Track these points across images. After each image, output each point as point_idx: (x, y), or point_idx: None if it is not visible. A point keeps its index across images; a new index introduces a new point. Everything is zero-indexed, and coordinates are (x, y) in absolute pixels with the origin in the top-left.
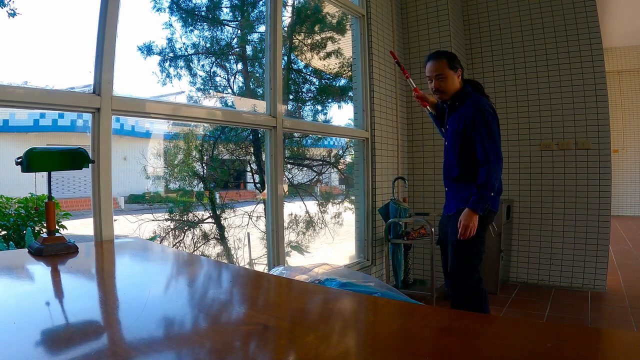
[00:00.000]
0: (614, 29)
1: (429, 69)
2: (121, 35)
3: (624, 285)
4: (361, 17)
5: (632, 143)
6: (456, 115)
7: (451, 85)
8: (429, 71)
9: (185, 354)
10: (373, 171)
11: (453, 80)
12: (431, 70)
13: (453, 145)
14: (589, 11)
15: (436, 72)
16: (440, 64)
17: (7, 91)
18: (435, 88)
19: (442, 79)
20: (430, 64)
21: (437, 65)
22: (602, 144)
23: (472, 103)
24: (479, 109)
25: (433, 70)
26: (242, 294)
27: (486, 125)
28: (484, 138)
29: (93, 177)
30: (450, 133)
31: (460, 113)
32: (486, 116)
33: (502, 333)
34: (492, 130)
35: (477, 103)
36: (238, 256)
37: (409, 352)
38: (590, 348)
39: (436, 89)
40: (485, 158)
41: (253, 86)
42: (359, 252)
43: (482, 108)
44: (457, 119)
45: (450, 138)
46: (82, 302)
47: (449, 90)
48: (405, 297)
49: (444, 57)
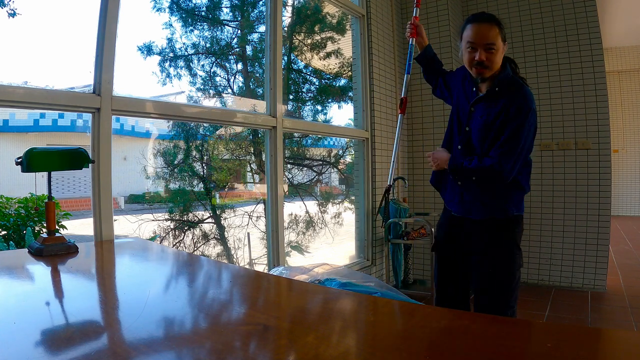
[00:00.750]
0: (614, 29)
1: (475, 34)
2: (121, 35)
3: (624, 285)
4: (361, 17)
5: (632, 143)
6: (493, 104)
7: (499, 61)
8: (475, 37)
9: (185, 354)
10: (373, 171)
11: (501, 56)
12: (479, 37)
13: (482, 138)
14: (589, 11)
15: (487, 40)
16: (492, 30)
17: (7, 91)
18: (479, 60)
19: (492, 50)
20: (478, 28)
21: (488, 31)
22: (602, 144)
23: (520, 96)
24: (527, 109)
25: (482, 36)
26: (242, 294)
27: (526, 131)
28: (513, 144)
29: (93, 177)
30: (481, 123)
31: (501, 104)
32: (530, 120)
33: (502, 333)
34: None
35: (527, 99)
36: (238, 256)
37: (409, 352)
38: (590, 348)
39: (480, 61)
40: (499, 162)
41: (253, 86)
42: (359, 252)
43: (530, 108)
44: (493, 109)
45: (479, 129)
46: (82, 302)
47: (495, 67)
48: (405, 297)
49: (496, 23)
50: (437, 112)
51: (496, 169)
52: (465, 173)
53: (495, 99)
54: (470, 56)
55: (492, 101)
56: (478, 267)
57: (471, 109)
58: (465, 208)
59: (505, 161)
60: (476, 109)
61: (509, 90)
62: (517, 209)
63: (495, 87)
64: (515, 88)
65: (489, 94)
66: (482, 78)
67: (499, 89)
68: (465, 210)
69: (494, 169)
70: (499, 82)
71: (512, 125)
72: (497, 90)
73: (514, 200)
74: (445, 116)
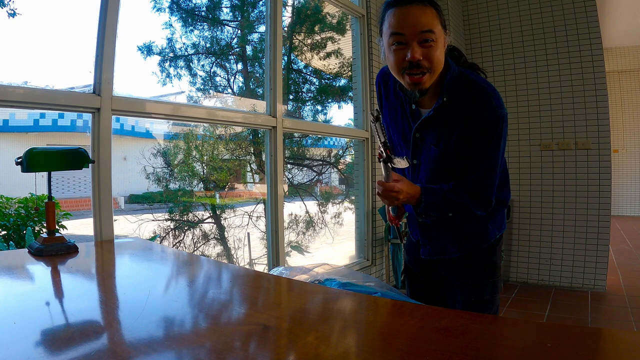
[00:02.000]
0: (614, 29)
1: (402, 20)
2: (121, 35)
3: (624, 285)
4: (361, 17)
5: (632, 143)
6: (446, 123)
7: (441, 58)
8: (402, 24)
9: (185, 354)
10: (373, 171)
11: (442, 51)
12: (409, 24)
13: (439, 170)
14: (589, 11)
15: (421, 26)
16: (427, 12)
17: (7, 91)
18: (412, 59)
19: (430, 42)
20: (405, 11)
21: (421, 14)
22: (602, 144)
23: (482, 101)
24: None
25: (413, 23)
26: (242, 294)
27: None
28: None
29: (93, 177)
30: (437, 154)
31: (459, 120)
32: (504, 130)
33: (502, 333)
34: (502, 153)
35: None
36: (238, 256)
37: (409, 352)
38: (590, 348)
39: (414, 61)
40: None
41: (253, 86)
42: (359, 252)
43: (501, 114)
44: (449, 130)
45: (434, 161)
46: (82, 302)
47: (438, 68)
48: (406, 297)
49: (430, 2)
50: None
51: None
52: (441, 210)
53: (448, 115)
54: (398, 56)
55: (443, 119)
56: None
57: (415, 134)
58: (438, 248)
59: (485, 189)
60: (423, 134)
61: (464, 97)
62: (499, 229)
63: (443, 97)
64: (472, 90)
65: (438, 111)
66: (420, 90)
67: (447, 98)
68: (437, 251)
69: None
70: (446, 90)
71: (483, 145)
72: (446, 101)
73: (497, 220)
74: None
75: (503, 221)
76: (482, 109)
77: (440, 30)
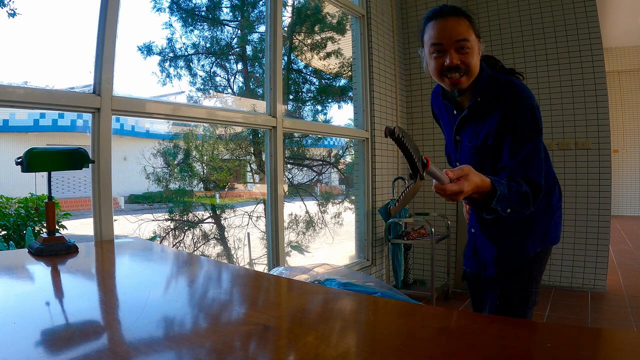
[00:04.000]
0: (614, 29)
1: (440, 32)
2: (121, 35)
3: (624, 285)
4: (361, 17)
5: (632, 143)
6: (480, 122)
7: (477, 63)
8: (440, 35)
9: (185, 354)
10: (373, 171)
11: (478, 57)
12: (446, 34)
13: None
14: (589, 11)
15: (457, 36)
16: (461, 23)
17: (7, 91)
18: (451, 64)
19: (466, 50)
20: (443, 24)
21: (456, 25)
22: (602, 144)
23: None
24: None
25: (450, 33)
26: (242, 294)
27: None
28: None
29: (93, 177)
30: (470, 150)
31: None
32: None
33: (502, 333)
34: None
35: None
36: (238, 256)
37: (409, 352)
38: (590, 348)
39: (453, 66)
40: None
41: (253, 86)
42: (359, 252)
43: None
44: (482, 128)
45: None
46: (82, 302)
47: (474, 72)
48: (406, 297)
49: (464, 15)
50: None
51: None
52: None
53: (482, 114)
54: (438, 62)
55: (478, 118)
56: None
57: (456, 137)
58: (480, 263)
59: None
60: (462, 136)
61: (496, 94)
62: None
63: (477, 97)
64: (503, 88)
65: (472, 111)
66: (459, 90)
67: (481, 98)
68: (479, 266)
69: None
70: (479, 90)
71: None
72: (480, 100)
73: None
74: None
75: (549, 233)
76: (513, 101)
77: (475, 39)
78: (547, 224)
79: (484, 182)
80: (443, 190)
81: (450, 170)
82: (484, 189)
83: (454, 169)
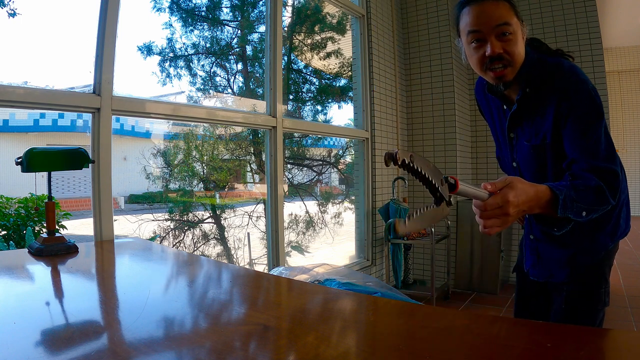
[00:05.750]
0: (614, 29)
1: (478, 17)
2: (121, 35)
3: (624, 285)
4: (361, 17)
5: (632, 143)
6: (536, 115)
7: (521, 51)
8: (478, 21)
9: (185, 354)
10: (373, 171)
11: (522, 43)
12: (485, 19)
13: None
14: (589, 11)
15: (497, 20)
16: (501, 5)
17: (7, 91)
18: (493, 54)
19: (508, 35)
20: (480, 8)
21: (495, 8)
22: None
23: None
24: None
25: (489, 17)
26: (242, 294)
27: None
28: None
29: (93, 177)
30: (529, 150)
31: (547, 108)
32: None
33: (502, 333)
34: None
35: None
36: (238, 256)
37: (409, 352)
38: (590, 348)
39: (495, 55)
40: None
41: (253, 86)
42: (359, 252)
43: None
44: (540, 123)
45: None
46: (82, 302)
47: (519, 61)
48: (406, 297)
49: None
50: (436, 111)
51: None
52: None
53: (537, 107)
54: (478, 53)
55: (533, 113)
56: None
57: (510, 135)
58: (546, 270)
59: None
60: (517, 133)
61: (546, 82)
62: (612, 237)
63: (525, 88)
64: (553, 74)
65: (523, 104)
66: (505, 83)
67: (530, 88)
68: (545, 273)
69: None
70: (526, 80)
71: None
72: (529, 92)
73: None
74: (446, 115)
75: (618, 227)
76: (565, 87)
77: (517, 22)
78: (616, 217)
79: (539, 190)
80: (483, 207)
81: (490, 182)
82: (542, 199)
83: (496, 180)
